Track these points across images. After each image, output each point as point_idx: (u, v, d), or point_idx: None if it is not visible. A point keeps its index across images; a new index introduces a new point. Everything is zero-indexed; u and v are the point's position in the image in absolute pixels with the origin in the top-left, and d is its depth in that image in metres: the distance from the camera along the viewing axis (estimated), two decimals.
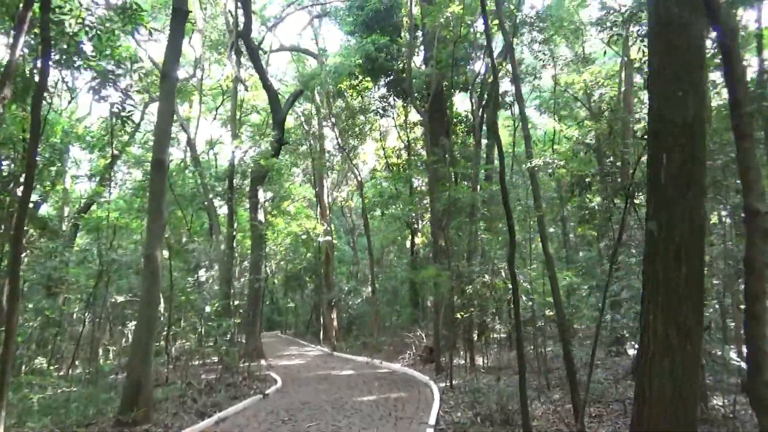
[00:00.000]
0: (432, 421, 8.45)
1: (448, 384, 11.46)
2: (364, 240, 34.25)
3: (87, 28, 9.73)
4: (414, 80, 19.30)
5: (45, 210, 28.16)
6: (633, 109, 15.83)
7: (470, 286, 12.56)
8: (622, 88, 17.09)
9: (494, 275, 11.98)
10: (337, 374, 15.09)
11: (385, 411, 9.53)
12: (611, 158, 12.36)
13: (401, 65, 19.94)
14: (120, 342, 21.37)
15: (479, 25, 16.97)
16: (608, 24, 11.57)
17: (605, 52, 16.99)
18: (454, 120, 21.46)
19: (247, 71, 23.68)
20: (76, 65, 10.06)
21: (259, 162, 16.82)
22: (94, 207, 24.47)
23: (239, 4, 18.76)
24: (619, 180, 11.41)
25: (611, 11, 11.79)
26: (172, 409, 10.22)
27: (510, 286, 8.33)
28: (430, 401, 10.35)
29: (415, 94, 20.11)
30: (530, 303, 11.68)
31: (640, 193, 8.22)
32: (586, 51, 23.25)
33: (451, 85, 20.14)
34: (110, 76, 10.16)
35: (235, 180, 20.63)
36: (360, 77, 20.67)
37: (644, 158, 5.83)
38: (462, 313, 13.05)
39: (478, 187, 16.45)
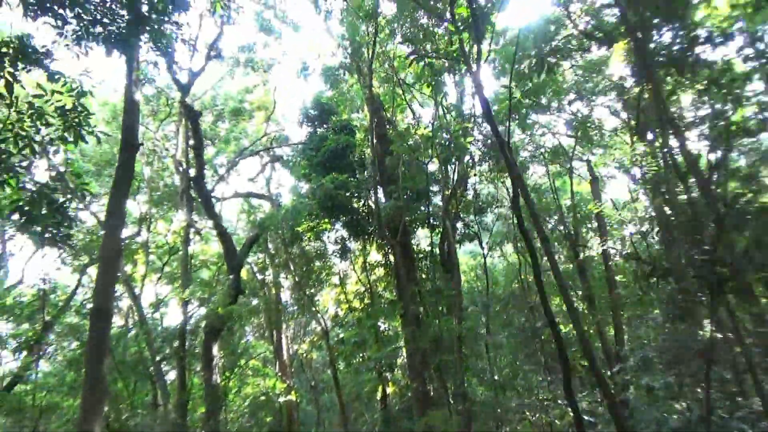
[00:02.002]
0: None
1: None
2: (326, 397, 31.32)
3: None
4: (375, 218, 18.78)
5: None
6: None
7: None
8: None
9: (542, 410, 10.21)
10: None
11: None
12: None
13: (361, 202, 19.46)
14: None
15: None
16: None
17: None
18: (419, 255, 20.70)
19: (199, 221, 22.64)
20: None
21: (216, 311, 15.03)
22: (18, 387, 21.28)
23: (190, 151, 18.23)
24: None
25: None
26: None
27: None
28: None
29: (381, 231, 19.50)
30: None
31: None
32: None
33: (414, 220, 19.69)
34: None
35: (186, 339, 18.50)
36: (318, 219, 19.95)
37: None
38: None
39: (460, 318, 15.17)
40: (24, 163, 6.95)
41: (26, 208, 6.21)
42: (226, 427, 19.49)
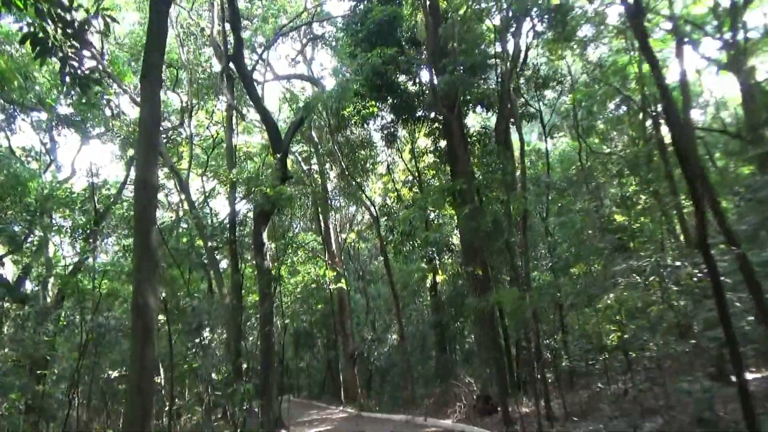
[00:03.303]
0: None
1: None
2: (373, 289, 31.73)
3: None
4: (428, 95, 17.50)
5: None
6: None
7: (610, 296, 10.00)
8: None
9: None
10: None
11: None
12: None
13: (410, 82, 18.10)
14: (117, 425, 18.49)
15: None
16: None
17: None
18: (472, 138, 19.46)
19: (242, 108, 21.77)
20: None
21: (265, 193, 14.46)
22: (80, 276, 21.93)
23: (227, 27, 16.97)
24: None
25: None
26: None
27: None
28: None
29: (431, 114, 18.31)
30: None
31: None
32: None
33: (467, 101, 18.27)
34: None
35: (236, 226, 18.29)
36: (364, 100, 18.74)
37: None
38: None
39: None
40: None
41: (40, 35, 5.31)
42: (279, 312, 19.74)
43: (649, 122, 18.64)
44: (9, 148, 23.13)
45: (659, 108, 15.98)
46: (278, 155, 16.08)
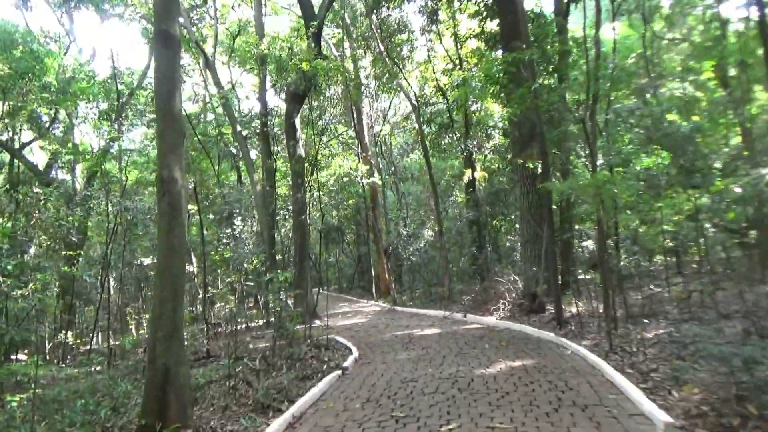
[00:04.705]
0: (648, 408, 5.10)
1: (605, 345, 8.12)
2: (404, 187, 30.74)
3: None
4: None
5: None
6: None
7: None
8: None
9: None
10: (421, 334, 11.85)
11: (546, 392, 6.19)
12: None
13: None
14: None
15: None
16: None
17: None
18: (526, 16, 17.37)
19: None
20: None
21: (300, 68, 13.03)
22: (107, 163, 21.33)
23: None
24: None
25: None
26: (219, 399, 7.08)
27: None
28: (588, 371, 7.02)
29: None
30: None
31: None
32: None
33: None
34: None
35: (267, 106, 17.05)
36: None
37: None
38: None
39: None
40: None
41: None
42: (311, 202, 18.99)
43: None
44: (26, 26, 21.89)
45: None
46: (312, 31, 14.47)
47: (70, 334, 16.61)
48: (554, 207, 14.64)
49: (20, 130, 23.67)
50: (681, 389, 5.69)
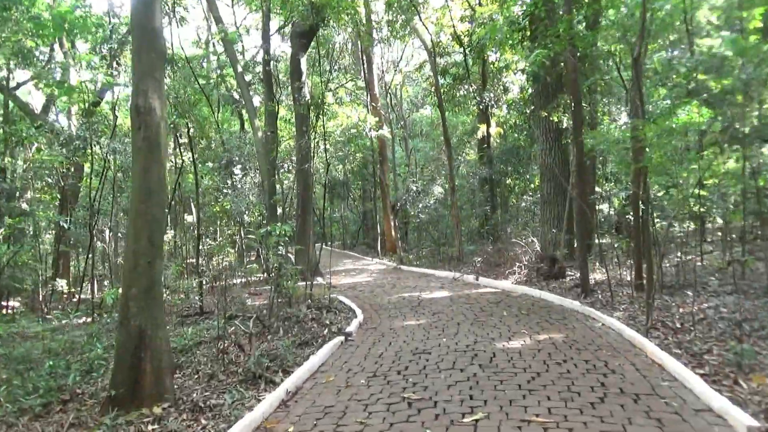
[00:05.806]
0: (718, 404, 4.19)
1: (641, 318, 7.20)
2: (413, 143, 29.50)
3: None
4: None
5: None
6: None
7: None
8: None
9: None
10: (430, 297, 10.99)
11: (584, 375, 5.29)
12: None
13: None
14: None
15: None
16: None
17: None
18: None
19: None
20: None
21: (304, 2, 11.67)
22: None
23: None
24: None
25: None
26: (206, 366, 6.24)
27: None
28: (627, 350, 6.12)
29: None
30: None
31: None
32: None
33: None
34: None
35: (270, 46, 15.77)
36: None
37: None
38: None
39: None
40: None
41: None
42: (316, 152, 17.91)
43: None
44: None
45: None
46: None
47: (64, 282, 15.90)
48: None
49: (13, 67, 22.45)
50: (748, 378, 4.79)
